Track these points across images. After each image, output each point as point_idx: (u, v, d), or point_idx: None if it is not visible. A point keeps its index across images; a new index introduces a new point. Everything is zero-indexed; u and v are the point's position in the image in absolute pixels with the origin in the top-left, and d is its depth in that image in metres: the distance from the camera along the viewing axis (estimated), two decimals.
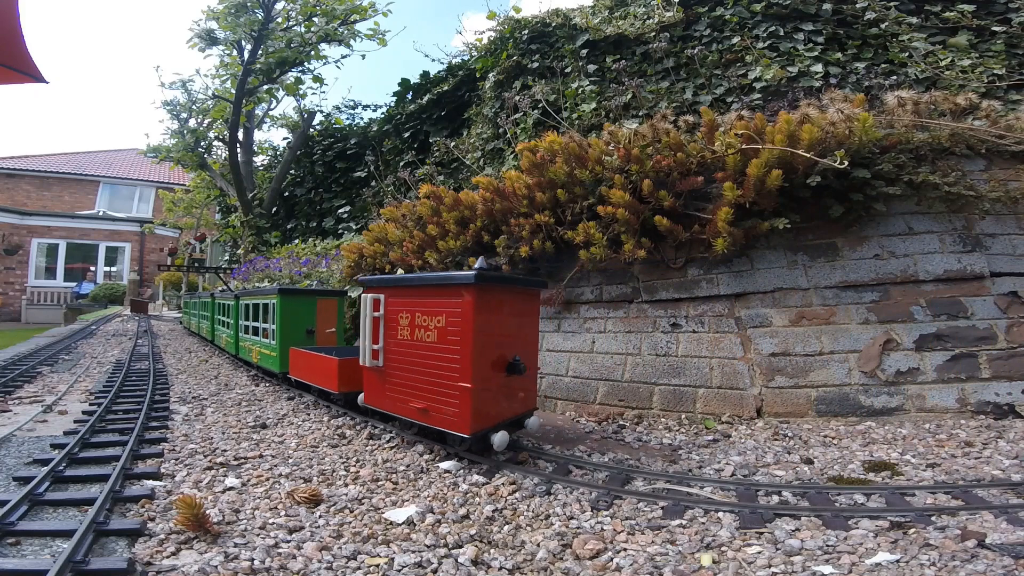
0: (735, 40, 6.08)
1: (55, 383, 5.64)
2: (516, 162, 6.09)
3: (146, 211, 27.53)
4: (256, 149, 17.01)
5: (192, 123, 16.38)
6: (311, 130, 15.15)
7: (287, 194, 14.94)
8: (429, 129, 11.02)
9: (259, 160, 17.29)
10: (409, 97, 12.40)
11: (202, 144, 16.46)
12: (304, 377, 4.59)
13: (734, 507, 2.30)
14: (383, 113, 13.58)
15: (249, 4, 12.52)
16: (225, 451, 3.24)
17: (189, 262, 19.25)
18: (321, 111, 16.20)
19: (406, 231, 6.25)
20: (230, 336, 7.00)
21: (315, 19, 13.54)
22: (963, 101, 4.28)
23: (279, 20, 13.41)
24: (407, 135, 11.54)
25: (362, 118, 15.58)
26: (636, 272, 4.50)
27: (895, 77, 5.31)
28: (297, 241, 12.29)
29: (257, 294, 5.96)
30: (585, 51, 7.12)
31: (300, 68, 14.63)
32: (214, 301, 8.37)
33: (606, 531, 2.15)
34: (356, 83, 71.52)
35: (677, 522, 2.20)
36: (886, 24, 5.71)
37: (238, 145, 14.60)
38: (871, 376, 3.55)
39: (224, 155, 15.59)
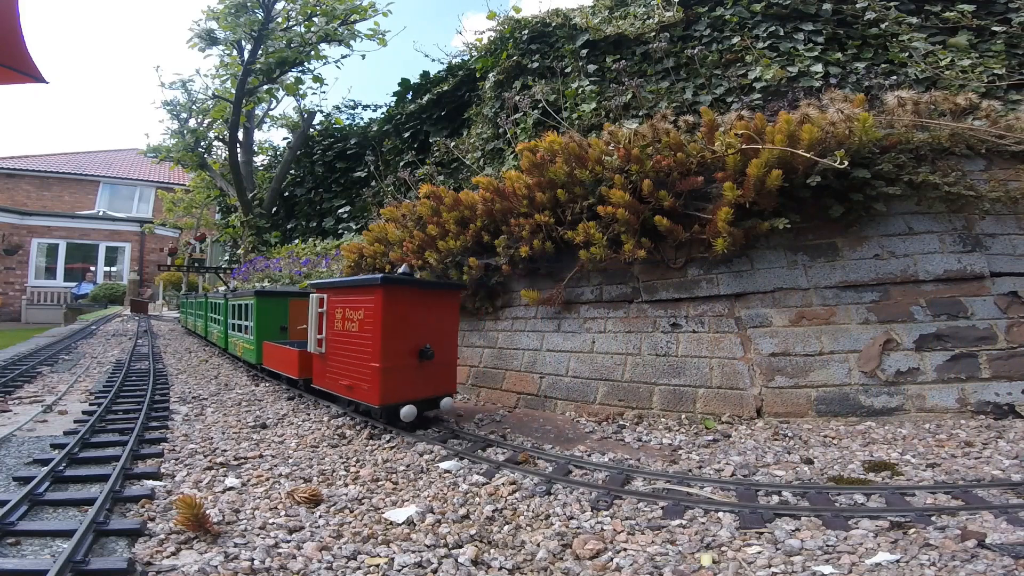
0: (735, 40, 6.07)
1: (55, 383, 5.64)
2: (516, 162, 6.09)
3: (146, 211, 27.53)
4: (256, 149, 17.01)
5: (192, 123, 16.39)
6: (311, 130, 15.15)
7: (287, 194, 14.93)
8: (429, 129, 11.02)
9: (259, 160, 17.29)
10: (409, 97, 12.40)
11: (202, 144, 16.46)
12: (274, 367, 5.23)
13: (734, 507, 2.30)
14: (383, 113, 13.59)
15: (249, 4, 12.53)
16: (225, 451, 3.24)
17: (189, 262, 19.24)
18: (321, 111, 16.22)
19: (406, 231, 6.25)
20: (220, 332, 7.66)
21: (315, 19, 13.54)
22: (963, 101, 4.28)
23: (279, 20, 13.41)
24: (407, 135, 11.54)
25: (362, 118, 15.60)
26: (636, 272, 4.50)
27: (895, 77, 5.31)
28: (297, 241, 12.29)
29: (240, 295, 6.56)
30: (585, 51, 7.11)
31: (300, 68, 14.63)
32: (207, 301, 9.03)
33: (606, 531, 2.15)
34: (356, 83, 71.62)
35: (677, 522, 2.20)
36: (886, 24, 5.71)
37: (238, 145, 14.60)
38: (871, 376, 3.55)
39: (224, 155, 15.60)
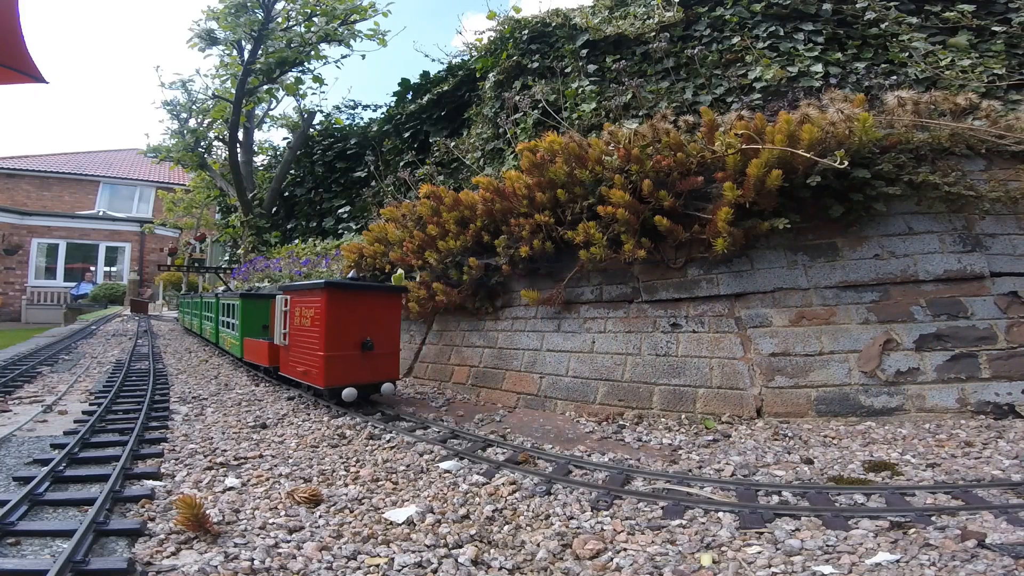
0: (735, 40, 6.07)
1: (55, 383, 5.64)
2: (516, 162, 6.09)
3: (146, 211, 27.51)
4: (256, 149, 17.00)
5: (192, 123, 16.38)
6: (311, 130, 15.14)
7: (287, 194, 14.92)
8: (429, 129, 11.02)
9: (259, 160, 17.28)
10: (409, 97, 12.39)
11: (202, 144, 16.46)
12: (252, 359, 5.92)
13: (734, 507, 2.30)
14: (383, 113, 13.58)
15: (249, 4, 12.52)
16: (225, 451, 3.24)
17: (189, 262, 19.24)
18: (321, 111, 16.21)
19: (406, 231, 6.25)
20: (212, 329, 8.43)
21: (315, 19, 13.54)
22: (963, 101, 4.27)
23: (279, 20, 13.41)
24: (407, 135, 11.53)
25: (362, 118, 15.59)
26: (636, 272, 4.50)
27: (895, 77, 5.31)
28: (297, 241, 12.29)
29: (228, 296, 7.25)
30: (585, 51, 7.11)
31: (300, 68, 14.62)
32: (202, 301, 9.83)
33: (606, 531, 2.15)
34: (356, 83, 71.59)
35: (677, 522, 2.20)
36: (886, 24, 5.71)
37: (238, 145, 14.60)
38: (871, 376, 3.55)
39: (224, 155, 15.59)
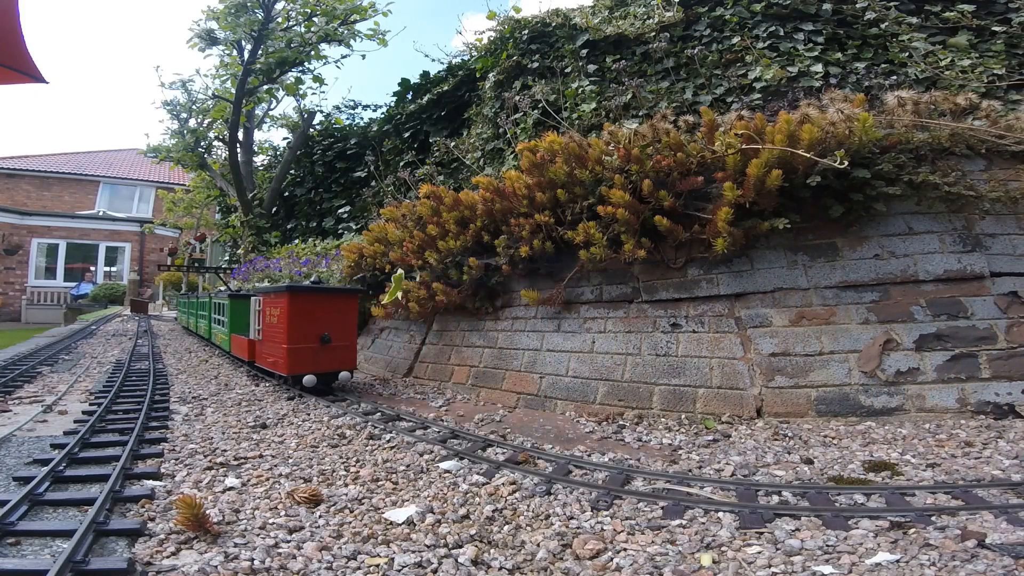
0: (735, 40, 6.07)
1: (55, 383, 5.64)
2: (516, 162, 6.08)
3: (146, 211, 27.50)
4: (256, 149, 16.98)
5: (192, 123, 16.35)
6: (311, 130, 15.13)
7: (287, 194, 14.92)
8: (429, 129, 11.01)
9: (259, 160, 17.26)
10: (409, 97, 12.39)
11: (202, 144, 16.44)
12: (237, 353, 6.53)
13: (734, 507, 2.30)
14: (383, 113, 13.56)
15: (249, 4, 12.51)
16: (225, 451, 3.24)
17: (189, 262, 19.24)
18: (321, 111, 16.18)
19: (406, 231, 6.25)
20: (206, 327, 9.07)
21: (315, 19, 13.52)
22: (963, 101, 4.27)
23: (279, 20, 13.39)
24: (407, 135, 11.52)
25: (362, 118, 15.56)
26: (636, 272, 4.50)
27: (895, 77, 5.30)
28: (297, 241, 12.28)
29: (220, 296, 7.84)
30: (585, 51, 7.11)
31: (300, 68, 14.60)
32: (197, 301, 10.62)
33: (606, 531, 2.15)
34: (356, 83, 71.57)
35: (677, 522, 2.20)
36: (886, 24, 5.71)
37: (238, 145, 14.58)
38: (871, 376, 3.55)
39: (224, 155, 15.57)
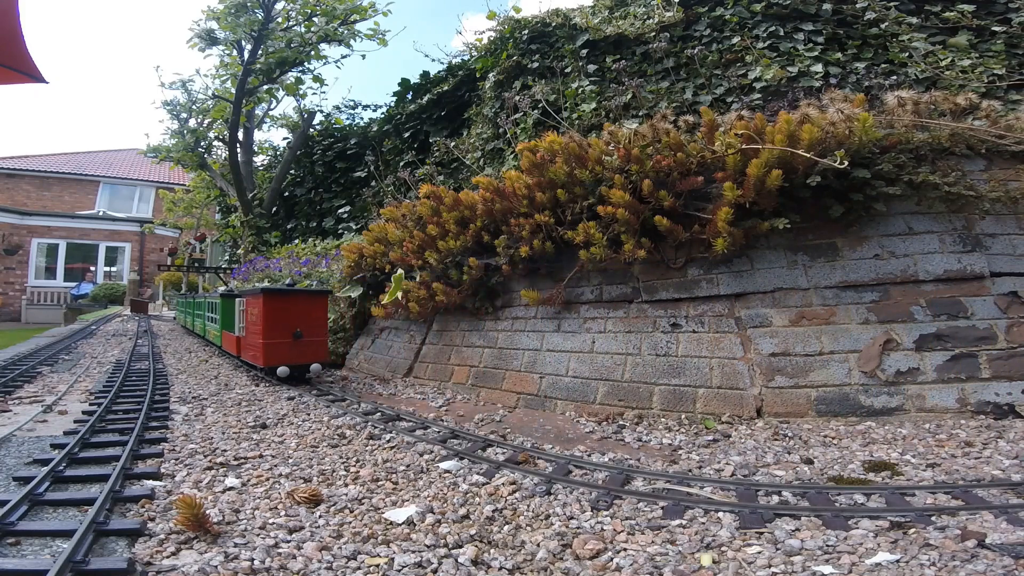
0: (735, 40, 6.07)
1: (55, 383, 5.64)
2: (516, 162, 6.08)
3: (146, 211, 27.49)
4: (256, 149, 16.98)
5: (192, 123, 16.34)
6: (311, 130, 15.12)
7: (287, 194, 14.91)
8: (429, 129, 11.01)
9: (259, 160, 17.25)
10: (409, 97, 12.38)
11: (202, 144, 16.43)
12: (227, 348, 7.11)
13: (734, 507, 2.30)
14: (383, 113, 13.56)
15: (249, 4, 12.50)
16: (225, 451, 3.24)
17: (189, 262, 19.23)
18: (321, 111, 16.17)
19: (406, 231, 6.25)
20: (201, 324, 9.76)
21: (315, 19, 13.52)
22: (963, 101, 4.27)
23: (279, 20, 13.38)
24: (407, 135, 11.52)
25: (362, 118, 15.56)
26: (636, 272, 4.50)
27: (895, 77, 5.30)
28: (297, 241, 12.28)
29: (212, 296, 8.55)
30: (585, 51, 7.11)
31: (300, 68, 14.59)
32: (193, 300, 11.41)
33: (606, 531, 2.15)
34: (356, 83, 71.49)
35: (677, 522, 2.20)
36: (886, 24, 5.71)
37: (238, 145, 14.58)
38: (871, 376, 3.55)
39: (224, 155, 15.56)
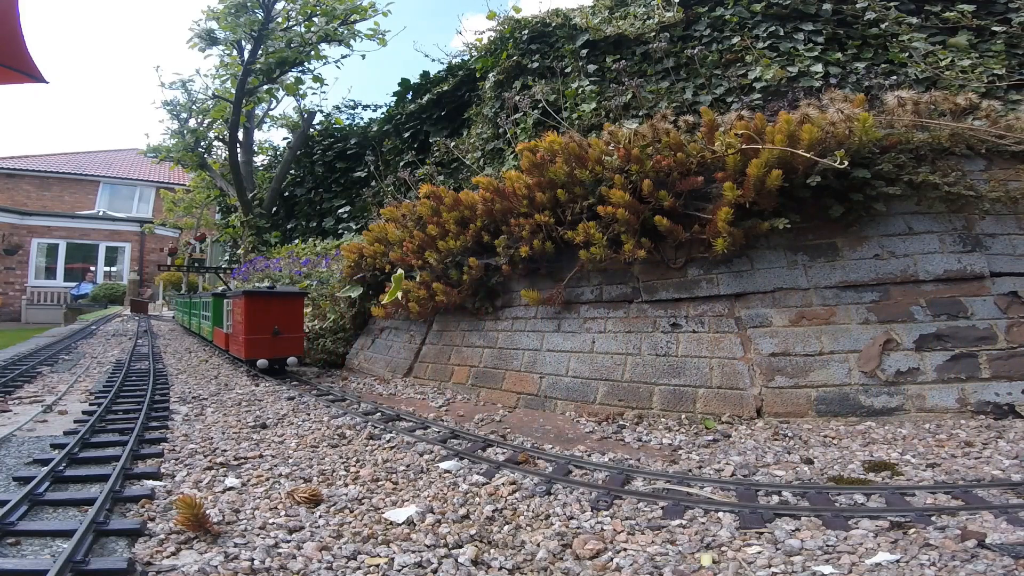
0: (735, 40, 6.07)
1: (55, 383, 5.64)
2: (516, 162, 6.08)
3: (146, 211, 27.48)
4: (256, 149, 16.97)
5: (192, 123, 16.33)
6: (311, 130, 15.12)
7: (287, 194, 14.91)
8: (429, 129, 11.01)
9: (259, 160, 17.25)
10: (409, 97, 12.38)
11: (202, 144, 16.42)
12: (217, 343, 7.74)
13: (734, 507, 2.30)
14: (383, 113, 13.57)
15: (249, 4, 12.50)
16: (225, 451, 3.24)
17: (189, 262, 19.22)
18: (321, 111, 16.16)
19: (406, 231, 6.24)
20: (196, 322, 10.44)
21: (315, 19, 13.51)
22: (963, 101, 4.27)
23: (279, 20, 13.38)
24: (407, 135, 11.52)
25: (362, 118, 15.56)
26: (636, 272, 4.50)
27: (895, 77, 5.30)
28: (297, 241, 12.28)
29: (206, 296, 9.30)
30: (585, 51, 7.11)
31: (300, 68, 14.59)
32: (189, 300, 12.15)
33: (606, 531, 2.15)
34: (356, 83, 71.46)
35: (677, 522, 2.20)
36: (886, 24, 5.71)
37: (238, 145, 14.58)
38: (871, 376, 3.55)
39: (224, 155, 15.56)
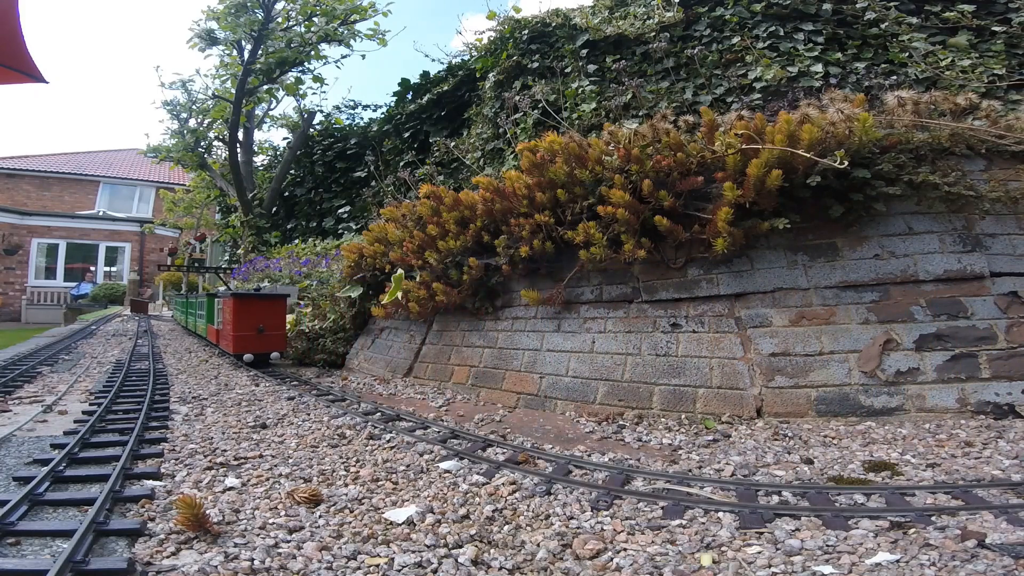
0: (735, 40, 6.07)
1: (55, 383, 5.64)
2: (516, 162, 6.08)
3: (146, 211, 27.48)
4: (256, 149, 16.98)
5: (192, 123, 16.35)
6: (311, 130, 15.13)
7: (287, 194, 14.92)
8: (429, 129, 11.02)
9: (259, 160, 17.27)
10: (409, 97, 12.39)
11: (202, 144, 16.43)
12: (210, 338, 8.31)
13: (734, 507, 2.30)
14: (383, 113, 13.58)
15: (249, 4, 12.51)
16: (225, 451, 3.24)
17: (189, 262, 19.21)
18: (321, 111, 16.18)
19: (406, 231, 6.24)
20: (192, 320, 10.96)
21: (315, 19, 13.53)
22: (963, 101, 4.27)
23: (279, 20, 13.39)
24: (407, 135, 11.53)
25: (362, 118, 15.58)
26: (636, 272, 4.50)
27: (895, 77, 5.30)
28: (297, 241, 12.30)
29: (201, 296, 10.00)
30: (585, 51, 7.11)
31: (300, 68, 14.61)
32: (187, 300, 12.61)
33: (606, 531, 2.15)
34: (356, 83, 71.52)
35: (677, 522, 2.20)
36: (886, 24, 5.71)
37: (238, 145, 14.59)
38: (871, 376, 3.55)
39: (224, 155, 15.57)
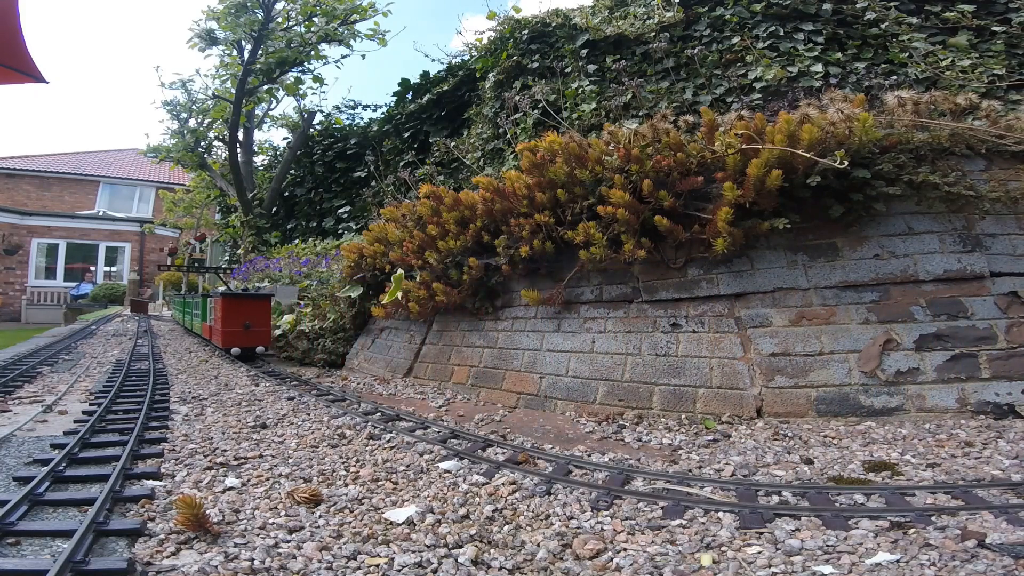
0: (735, 40, 6.07)
1: (55, 383, 5.64)
2: (516, 162, 6.08)
3: (146, 211, 27.49)
4: (256, 149, 16.98)
5: (192, 123, 16.34)
6: (311, 130, 15.12)
7: (287, 194, 14.92)
8: (429, 129, 11.02)
9: (259, 160, 17.26)
10: (409, 97, 12.39)
11: (202, 144, 16.43)
12: (203, 334, 8.94)
13: (734, 507, 2.30)
14: (383, 113, 13.57)
15: (249, 4, 12.51)
16: (225, 451, 3.24)
17: (189, 262, 19.20)
18: (321, 111, 16.16)
19: (406, 231, 6.24)
20: (189, 318, 11.47)
21: (315, 19, 13.52)
22: (963, 101, 4.27)
23: (279, 20, 13.39)
24: (407, 135, 11.53)
25: (362, 118, 15.56)
26: (636, 272, 4.50)
27: (895, 77, 5.30)
28: (297, 241, 12.29)
29: (197, 296, 10.62)
30: (585, 51, 7.11)
31: (300, 68, 14.60)
32: (184, 300, 13.08)
33: (606, 531, 2.15)
34: (356, 83, 71.52)
35: (677, 522, 2.20)
36: (886, 24, 5.70)
37: (238, 145, 14.58)
38: (871, 376, 3.55)
39: (224, 155, 15.56)
